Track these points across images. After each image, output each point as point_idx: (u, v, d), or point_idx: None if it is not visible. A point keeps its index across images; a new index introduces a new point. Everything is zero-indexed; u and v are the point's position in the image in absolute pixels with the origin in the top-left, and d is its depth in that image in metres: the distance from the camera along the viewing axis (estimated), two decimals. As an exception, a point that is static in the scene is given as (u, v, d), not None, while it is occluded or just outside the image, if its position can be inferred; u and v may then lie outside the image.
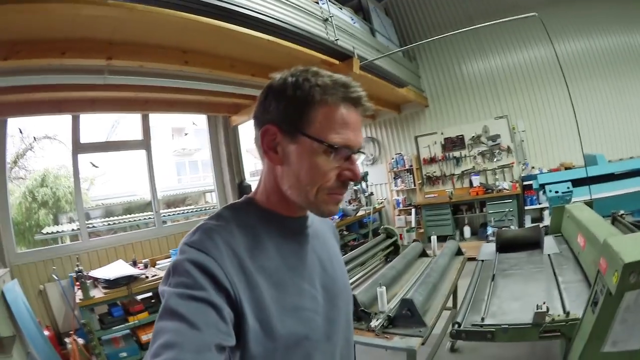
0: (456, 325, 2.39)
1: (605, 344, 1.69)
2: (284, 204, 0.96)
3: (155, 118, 6.56)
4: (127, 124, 10.50)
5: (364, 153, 0.99)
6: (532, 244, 3.73)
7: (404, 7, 9.72)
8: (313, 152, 0.87)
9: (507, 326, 2.25)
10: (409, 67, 8.68)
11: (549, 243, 3.59)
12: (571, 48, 8.54)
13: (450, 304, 3.74)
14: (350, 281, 2.62)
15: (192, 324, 0.68)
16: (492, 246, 3.99)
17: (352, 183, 0.95)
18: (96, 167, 7.75)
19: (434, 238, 4.16)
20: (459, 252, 4.31)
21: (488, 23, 5.49)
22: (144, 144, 6.28)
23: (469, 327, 2.36)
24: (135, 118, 6.49)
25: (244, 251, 0.86)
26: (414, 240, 4.61)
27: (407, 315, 2.53)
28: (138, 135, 6.39)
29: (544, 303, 2.19)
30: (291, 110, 0.89)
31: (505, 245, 3.88)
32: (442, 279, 3.43)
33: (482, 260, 3.73)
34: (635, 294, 1.55)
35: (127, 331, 4.61)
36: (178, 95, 5.53)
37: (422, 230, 8.51)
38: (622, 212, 3.24)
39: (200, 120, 7.70)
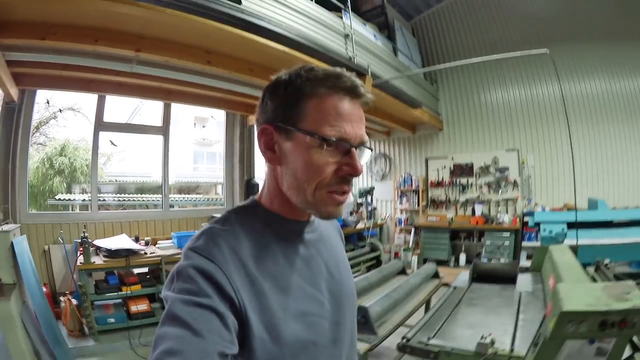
0: (404, 340, 2.46)
1: None
2: (287, 206, 0.95)
3: (178, 106, 6.86)
4: (150, 109, 10.73)
5: (368, 148, 0.94)
6: (509, 278, 3.72)
7: (431, 28, 9.85)
8: (307, 147, 0.85)
9: (450, 350, 2.31)
10: (428, 89, 8.77)
11: (525, 280, 3.62)
12: (593, 88, 8.50)
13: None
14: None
15: (195, 331, 0.68)
16: (465, 275, 4.03)
17: (356, 195, 0.92)
18: (115, 145, 7.97)
19: (414, 258, 4.20)
20: (436, 276, 4.39)
21: (499, 55, 5.56)
22: (162, 130, 6.55)
23: (414, 344, 2.41)
24: (158, 105, 6.75)
25: (249, 257, 0.85)
26: (395, 257, 4.68)
27: (361, 322, 2.69)
28: (158, 121, 6.66)
29: (490, 335, 2.21)
30: (284, 107, 0.89)
31: (483, 276, 3.90)
32: (408, 297, 3.55)
33: (455, 287, 3.76)
34: (579, 344, 1.61)
35: (119, 300, 4.86)
36: (199, 90, 5.74)
37: (418, 252, 8.40)
38: (607, 260, 3.22)
39: (219, 114, 7.90)
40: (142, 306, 4.86)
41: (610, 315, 1.44)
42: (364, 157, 0.92)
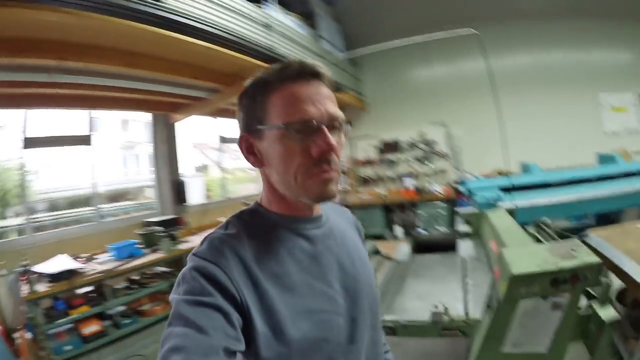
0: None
1: (504, 345, 1.75)
2: (285, 204, 0.97)
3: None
4: (75, 118, 10.30)
5: (344, 122, 0.94)
6: (449, 246, 3.82)
7: (354, 13, 9.83)
8: (276, 140, 0.89)
9: (406, 323, 2.38)
10: (350, 71, 8.91)
11: (466, 246, 3.56)
12: (510, 62, 9.24)
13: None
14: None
15: (199, 328, 0.70)
16: (405, 247, 4.07)
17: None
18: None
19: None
20: (377, 252, 4.39)
21: (427, 37, 5.77)
22: (88, 140, 6.24)
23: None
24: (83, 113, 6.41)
25: (252, 259, 0.86)
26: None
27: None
28: (84, 130, 6.33)
29: (442, 304, 2.31)
30: (251, 112, 0.94)
31: (423, 247, 4.00)
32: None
33: (397, 261, 3.81)
34: (532, 302, 1.63)
35: (70, 325, 4.62)
36: (123, 94, 5.61)
37: None
38: (546, 219, 3.29)
39: (144, 116, 7.69)
40: (94, 327, 4.70)
41: (561, 273, 1.56)
42: (342, 132, 0.94)
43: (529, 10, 9.43)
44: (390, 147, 9.46)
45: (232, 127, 9.25)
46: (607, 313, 1.84)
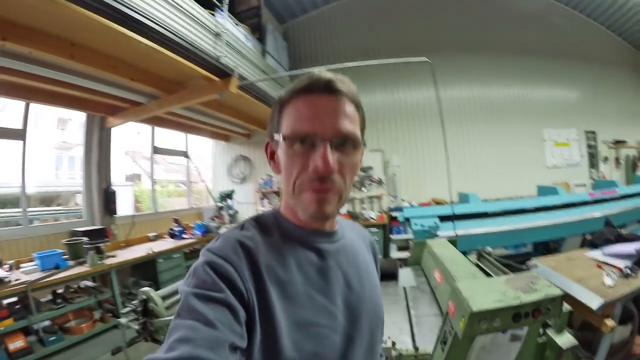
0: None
1: None
2: (296, 214, 0.97)
3: (41, 106, 6.05)
4: (10, 111, 9.62)
5: (354, 142, 0.92)
6: (389, 274, 3.58)
7: (304, 33, 10.13)
8: (283, 150, 0.91)
9: None
10: None
11: (406, 275, 3.58)
12: (454, 94, 9.57)
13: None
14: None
15: (207, 321, 0.70)
16: None
17: (217, 199, 0.91)
18: None
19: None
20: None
21: (380, 61, 5.78)
22: (22, 134, 5.73)
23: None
24: (17, 105, 5.85)
25: (262, 262, 0.86)
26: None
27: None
28: (17, 124, 5.78)
29: (389, 338, 2.20)
30: (273, 120, 0.97)
31: None
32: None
33: None
34: (491, 336, 1.60)
35: None
36: (61, 88, 5.19)
37: None
38: (488, 248, 3.32)
39: (79, 116, 7.19)
40: (18, 342, 4.30)
41: (523, 307, 1.52)
42: (354, 151, 0.93)
43: (478, 44, 10.01)
44: None
45: (166, 137, 9.07)
46: (564, 339, 1.95)
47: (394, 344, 2.18)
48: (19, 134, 5.69)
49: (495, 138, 9.83)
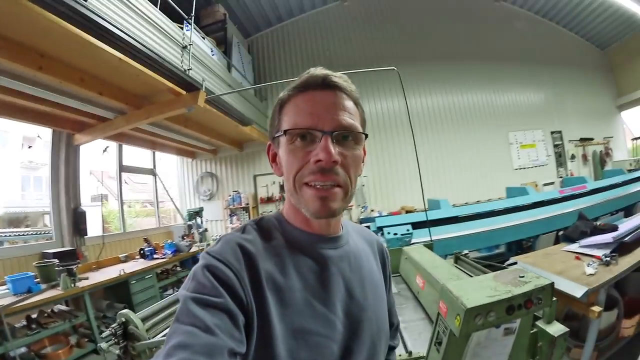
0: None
1: None
2: (302, 218, 0.96)
3: (5, 123, 5.82)
4: None
5: (356, 136, 0.91)
6: None
7: (267, 46, 10.29)
8: (284, 147, 0.90)
9: None
10: (257, 106, 8.88)
11: None
12: (419, 102, 9.82)
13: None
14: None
15: (206, 327, 0.69)
16: None
17: (186, 217, 0.88)
18: None
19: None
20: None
21: (349, 72, 5.81)
22: None
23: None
24: None
25: (261, 267, 0.85)
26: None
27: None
28: None
29: None
30: (273, 120, 0.97)
31: None
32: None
33: None
34: (486, 332, 1.60)
35: None
36: (26, 102, 5.01)
37: None
38: (465, 251, 3.36)
39: (45, 134, 6.95)
40: None
41: (515, 299, 1.53)
42: (356, 145, 0.92)
43: (442, 53, 10.32)
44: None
45: (133, 155, 8.88)
46: (554, 328, 1.97)
47: (386, 351, 2.13)
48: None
49: (463, 144, 10.09)
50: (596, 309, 2.60)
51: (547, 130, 10.88)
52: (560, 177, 10.52)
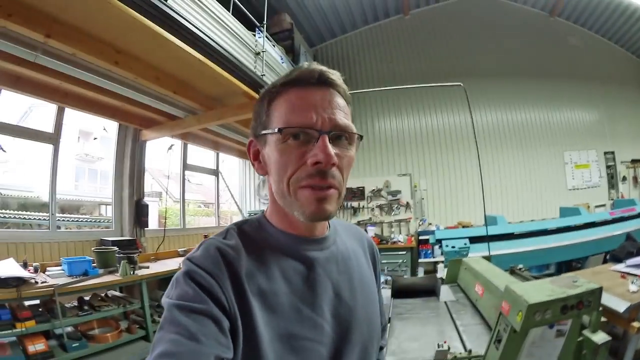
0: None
1: None
2: (287, 220, 0.93)
3: (66, 115, 5.83)
4: (39, 114, 9.66)
5: (351, 137, 0.89)
6: (427, 291, 3.73)
7: (331, 56, 10.46)
8: (274, 146, 0.86)
9: None
10: None
11: (445, 291, 3.57)
12: (478, 119, 9.64)
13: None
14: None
15: (191, 334, 0.68)
16: (386, 292, 3.84)
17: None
18: (4, 151, 7.39)
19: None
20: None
21: (415, 86, 5.94)
22: (54, 138, 5.68)
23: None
24: (49, 109, 5.83)
25: (243, 272, 0.82)
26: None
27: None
28: (48, 128, 5.72)
29: (445, 342, 2.23)
30: (258, 116, 0.93)
31: (401, 292, 3.84)
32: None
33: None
34: (541, 330, 1.72)
35: (14, 339, 4.09)
36: (97, 94, 5.26)
37: None
38: (520, 266, 3.46)
39: (111, 127, 7.21)
40: (40, 345, 4.09)
41: (569, 299, 1.71)
42: (351, 146, 0.90)
43: (500, 70, 10.33)
44: (354, 194, 9.59)
45: (197, 155, 8.98)
46: (598, 337, 2.00)
47: (449, 347, 2.24)
48: (52, 138, 5.65)
49: (519, 161, 10.03)
50: (636, 324, 2.65)
51: (600, 150, 10.61)
52: (612, 199, 10.27)
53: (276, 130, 0.84)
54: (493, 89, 10.23)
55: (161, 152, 7.92)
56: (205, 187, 10.33)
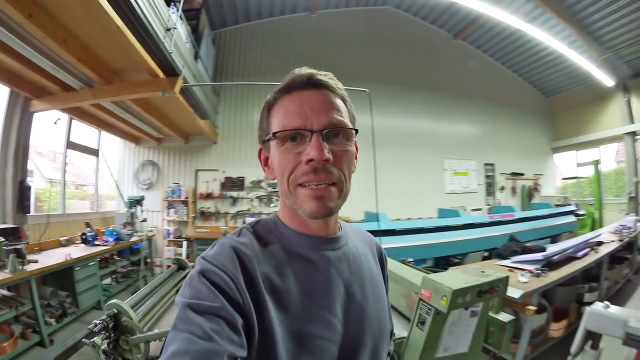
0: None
1: (437, 351, 2.06)
2: (298, 220, 0.96)
3: None
4: None
5: (347, 133, 0.93)
6: None
7: (230, 42, 10.31)
8: (275, 149, 0.92)
9: None
10: (212, 100, 8.74)
11: None
12: (363, 120, 10.13)
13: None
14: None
15: (203, 333, 0.69)
16: None
17: (127, 204, 0.80)
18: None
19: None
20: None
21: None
22: None
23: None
24: None
25: (258, 271, 0.84)
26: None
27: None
28: None
29: None
30: (262, 124, 0.99)
31: None
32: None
33: None
34: (458, 312, 2.03)
35: None
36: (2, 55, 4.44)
37: (192, 264, 8.04)
38: (410, 259, 3.73)
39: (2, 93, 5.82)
40: None
41: (483, 286, 2.00)
42: (348, 142, 0.93)
43: (393, 78, 11.06)
44: (234, 183, 9.59)
45: (78, 132, 8.05)
46: (503, 317, 2.51)
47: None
48: None
49: (401, 163, 10.78)
50: (531, 307, 3.19)
51: (481, 161, 11.91)
52: (489, 204, 11.51)
53: (273, 135, 0.90)
54: (389, 95, 10.85)
55: (41, 126, 6.79)
56: (75, 167, 9.37)
